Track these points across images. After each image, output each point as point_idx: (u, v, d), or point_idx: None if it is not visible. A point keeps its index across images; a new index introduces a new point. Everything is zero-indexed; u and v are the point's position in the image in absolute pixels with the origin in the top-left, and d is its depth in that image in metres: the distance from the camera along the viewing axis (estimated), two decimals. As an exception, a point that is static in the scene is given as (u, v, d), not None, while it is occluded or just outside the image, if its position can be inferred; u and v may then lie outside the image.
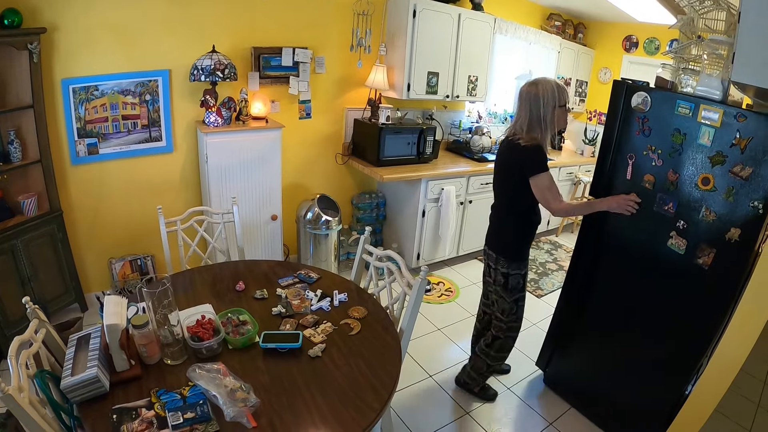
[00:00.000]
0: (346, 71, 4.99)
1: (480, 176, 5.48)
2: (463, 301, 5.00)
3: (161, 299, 1.99)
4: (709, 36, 3.06)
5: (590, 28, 7.83)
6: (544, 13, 7.15)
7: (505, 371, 3.96)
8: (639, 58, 7.29)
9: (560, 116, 2.96)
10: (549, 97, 2.88)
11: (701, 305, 2.82)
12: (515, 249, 3.21)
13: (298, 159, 4.91)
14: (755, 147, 2.51)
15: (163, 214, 3.06)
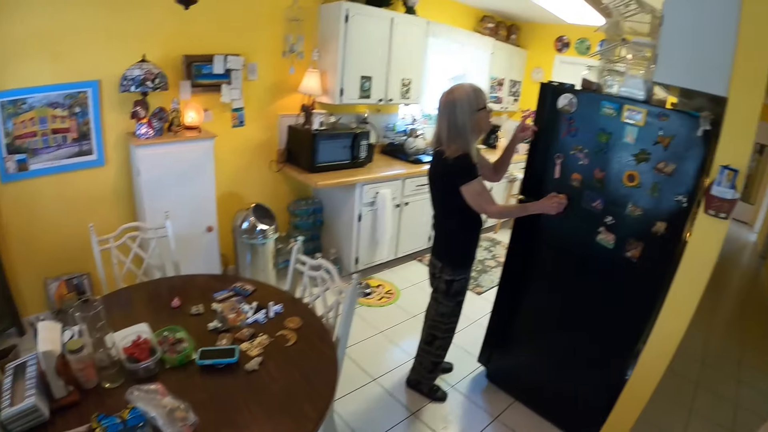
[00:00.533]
0: (278, 77, 5.02)
1: (415, 178, 5.62)
2: (403, 302, 5.13)
3: (94, 322, 2.01)
4: (633, 38, 3.26)
5: (523, 30, 8.11)
6: (478, 16, 7.36)
7: (448, 369, 4.09)
8: (571, 58, 7.61)
9: (482, 119, 3.05)
10: (466, 103, 2.96)
11: (633, 295, 3.04)
12: (461, 256, 3.36)
13: (233, 168, 4.92)
14: (678, 144, 2.72)
15: (95, 231, 3.02)
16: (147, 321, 2.39)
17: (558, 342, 3.52)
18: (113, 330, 2.19)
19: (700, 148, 2.65)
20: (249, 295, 2.86)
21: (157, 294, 2.81)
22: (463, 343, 4.42)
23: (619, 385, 3.14)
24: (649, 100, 2.98)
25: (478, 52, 7.08)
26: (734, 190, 2.50)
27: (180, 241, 3.87)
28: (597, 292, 3.22)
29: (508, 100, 7.97)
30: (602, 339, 3.23)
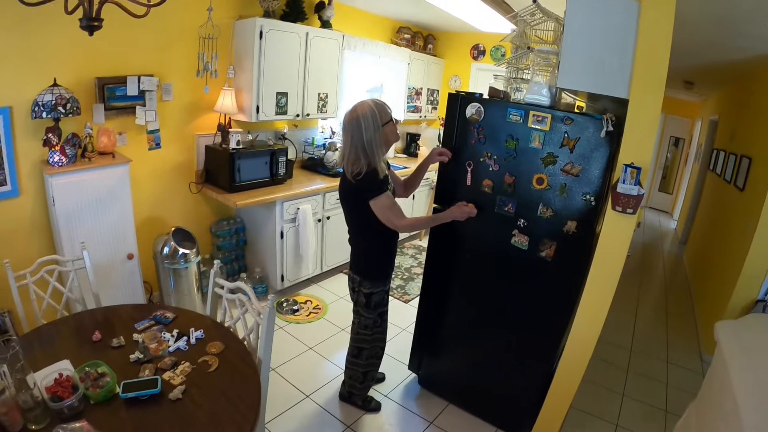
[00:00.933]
0: (193, 97, 5.01)
1: (335, 192, 5.58)
2: (332, 316, 5.22)
3: (13, 363, 1.98)
4: (538, 46, 3.45)
5: (440, 39, 8.35)
6: (394, 27, 7.55)
7: (380, 380, 4.19)
8: (486, 65, 7.91)
9: (389, 132, 3.16)
10: (370, 120, 3.04)
11: (551, 292, 3.24)
12: (377, 269, 3.45)
13: (151, 192, 4.87)
14: (583, 146, 2.94)
15: (11, 267, 2.95)
16: (68, 357, 2.38)
17: (485, 342, 3.68)
18: (36, 369, 2.18)
19: (605, 148, 2.87)
20: (170, 322, 2.86)
21: (78, 329, 2.77)
22: (393, 351, 4.55)
23: (549, 378, 3.35)
24: (554, 105, 3.19)
25: (395, 63, 7.26)
26: (639, 186, 2.71)
27: (100, 271, 3.82)
28: (517, 292, 3.41)
29: (427, 109, 8.19)
30: (527, 336, 3.42)
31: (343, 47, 6.04)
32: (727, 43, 4.58)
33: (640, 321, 6.00)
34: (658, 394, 4.41)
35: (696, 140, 11.27)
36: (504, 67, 3.77)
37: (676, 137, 13.16)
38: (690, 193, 10.08)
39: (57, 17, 2.78)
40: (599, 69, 2.81)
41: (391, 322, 4.42)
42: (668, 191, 13.37)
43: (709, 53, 5.29)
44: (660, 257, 9.21)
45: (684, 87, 8.95)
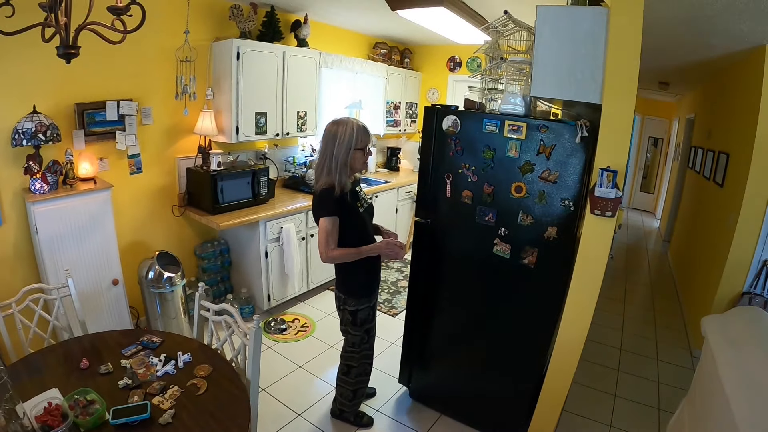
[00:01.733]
0: (173, 120, 5.01)
1: (319, 209, 5.69)
2: (320, 334, 5.20)
3: (2, 393, 1.97)
4: (511, 56, 3.49)
5: (416, 53, 8.42)
6: (370, 43, 7.61)
7: (371, 395, 4.18)
8: (463, 77, 8.00)
9: (356, 158, 3.15)
10: (346, 139, 3.06)
11: (536, 298, 3.27)
12: (360, 286, 3.42)
13: (134, 216, 4.86)
14: (559, 152, 2.98)
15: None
16: (57, 385, 2.37)
17: (473, 351, 3.70)
18: (25, 398, 2.17)
19: (581, 153, 2.91)
20: (157, 347, 2.86)
21: (65, 357, 2.75)
22: (383, 366, 4.56)
23: (540, 383, 3.37)
24: (529, 113, 3.23)
25: (372, 79, 7.32)
26: (616, 189, 2.75)
27: (86, 298, 3.81)
28: (502, 299, 3.44)
29: (406, 123, 8.25)
30: (515, 343, 3.44)
31: (321, 65, 6.08)
32: (698, 42, 4.66)
33: (628, 321, 6.04)
34: (650, 392, 4.44)
35: (674, 139, 11.41)
36: (479, 78, 3.81)
37: (654, 137, 13.33)
38: (671, 192, 10.19)
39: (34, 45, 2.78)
40: (571, 76, 2.87)
41: (380, 336, 4.42)
42: (650, 191, 13.52)
43: (682, 53, 5.38)
44: (645, 257, 9.29)
45: (659, 88, 9.08)
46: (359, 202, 3.27)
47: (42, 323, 3.13)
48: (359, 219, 3.25)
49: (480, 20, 5.27)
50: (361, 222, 3.28)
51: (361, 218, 3.27)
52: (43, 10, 2.09)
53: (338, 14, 6.11)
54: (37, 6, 2.14)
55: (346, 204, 3.14)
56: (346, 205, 3.14)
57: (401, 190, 7.47)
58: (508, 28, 3.52)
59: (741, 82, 5.27)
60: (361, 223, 3.27)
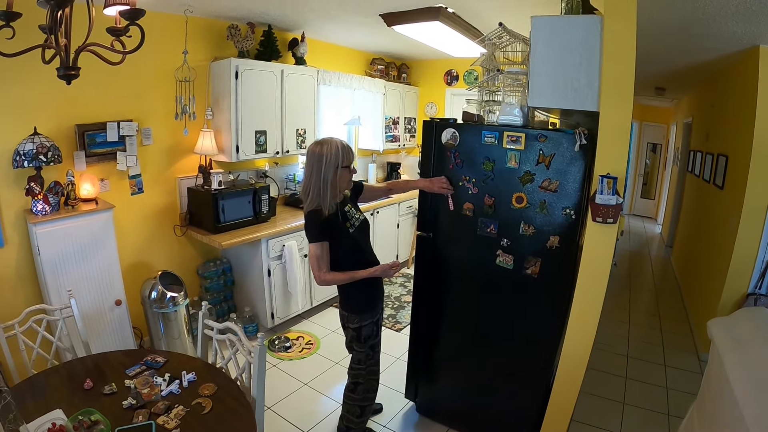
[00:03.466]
0: (173, 140, 5.04)
1: (321, 226, 5.70)
2: (325, 351, 5.17)
3: (5, 414, 1.98)
4: (507, 68, 3.51)
5: (413, 68, 8.46)
6: (368, 59, 7.65)
7: (378, 411, 4.16)
8: (460, 90, 8.01)
9: (342, 176, 3.12)
10: (332, 157, 3.03)
11: (541, 308, 3.26)
12: (361, 303, 3.39)
13: (136, 237, 4.87)
14: (558, 161, 2.98)
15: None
16: (61, 406, 2.37)
17: (479, 364, 3.67)
18: (29, 419, 2.17)
19: (580, 161, 2.92)
20: (161, 366, 2.86)
21: (69, 377, 2.75)
22: (389, 381, 4.52)
23: (547, 393, 3.34)
24: (527, 124, 3.24)
25: (370, 95, 7.34)
26: (617, 195, 2.74)
27: (89, 318, 3.81)
28: (506, 311, 3.43)
29: (405, 137, 8.26)
30: (521, 353, 3.42)
31: (319, 82, 6.11)
32: (693, 46, 4.68)
33: (633, 327, 6.01)
34: (658, 398, 4.41)
35: (672, 144, 11.43)
36: (476, 90, 3.83)
37: (653, 143, 13.33)
38: (672, 197, 10.20)
39: (35, 67, 2.81)
40: (568, 85, 2.87)
41: (385, 352, 4.39)
42: (650, 197, 13.48)
43: (677, 58, 5.40)
44: (648, 263, 9.25)
45: (656, 93, 9.10)
46: (349, 221, 3.22)
47: (45, 344, 3.13)
48: (350, 239, 3.21)
49: (475, 33, 5.30)
50: (353, 242, 3.23)
51: (352, 238, 3.22)
52: (43, 32, 2.11)
53: (335, 32, 6.14)
54: (36, 28, 2.17)
55: (335, 226, 3.11)
56: (336, 228, 3.12)
57: (402, 205, 7.48)
58: (503, 39, 3.54)
59: (736, 83, 5.28)
60: (352, 243, 3.23)
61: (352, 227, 3.21)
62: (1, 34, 1.95)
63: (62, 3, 1.97)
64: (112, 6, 2.07)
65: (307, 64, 6.02)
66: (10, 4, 1.90)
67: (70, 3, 2.01)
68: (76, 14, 2.11)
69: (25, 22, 2.09)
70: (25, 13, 2.03)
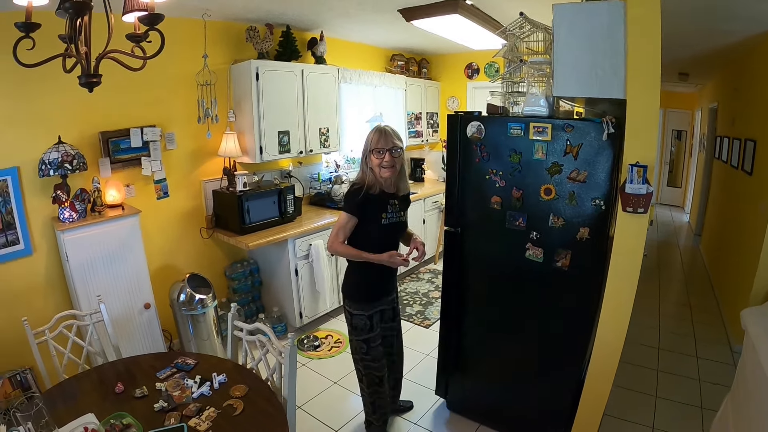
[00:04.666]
0: (197, 144, 5.06)
1: (347, 224, 5.68)
2: (350, 346, 5.14)
3: (37, 420, 1.98)
4: (531, 58, 3.45)
5: (433, 62, 8.41)
6: (387, 55, 7.61)
7: (408, 408, 4.13)
8: (482, 83, 7.94)
9: (373, 162, 3.19)
10: (367, 142, 3.20)
11: (572, 301, 3.19)
12: (355, 290, 3.41)
13: (163, 240, 4.90)
14: (586, 151, 2.92)
15: (29, 324, 2.95)
16: (93, 411, 2.37)
17: (510, 359, 3.62)
18: (60, 424, 2.18)
19: (609, 150, 2.85)
20: (191, 369, 2.86)
21: (100, 381, 2.77)
22: (419, 378, 4.51)
23: (579, 388, 3.27)
24: (553, 114, 3.17)
25: (391, 91, 7.32)
26: (647, 184, 2.66)
27: (119, 322, 3.83)
28: (537, 305, 3.37)
29: (428, 133, 8.21)
30: (552, 348, 3.36)
31: (339, 80, 6.10)
32: (717, 29, 4.58)
33: (664, 319, 5.91)
34: (691, 391, 4.31)
35: (698, 130, 11.20)
36: (500, 82, 3.78)
37: (678, 130, 13.11)
38: (699, 184, 9.97)
39: (56, 77, 2.82)
40: (593, 73, 2.79)
41: (414, 348, 4.38)
42: (677, 185, 13.27)
43: (701, 42, 5.30)
44: (676, 252, 9.11)
45: (679, 79, 8.94)
46: (386, 213, 3.23)
47: (76, 349, 3.15)
48: (378, 229, 3.23)
49: (495, 25, 5.24)
50: (380, 234, 3.25)
51: (381, 229, 3.23)
52: (63, 42, 2.10)
53: (353, 30, 6.13)
54: (56, 39, 2.17)
55: (368, 208, 3.18)
56: (369, 210, 3.18)
57: (428, 200, 7.43)
58: (524, 29, 3.49)
59: (762, 65, 5.16)
60: (378, 235, 3.25)
61: (386, 219, 3.23)
62: (22, 45, 1.95)
63: (81, 10, 1.96)
64: (130, 12, 2.06)
65: (327, 63, 6.00)
66: (29, 15, 1.90)
67: (88, 10, 2.00)
68: (95, 22, 2.10)
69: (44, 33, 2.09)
70: (44, 24, 2.03)
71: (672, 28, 2.60)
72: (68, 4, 1.88)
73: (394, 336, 3.70)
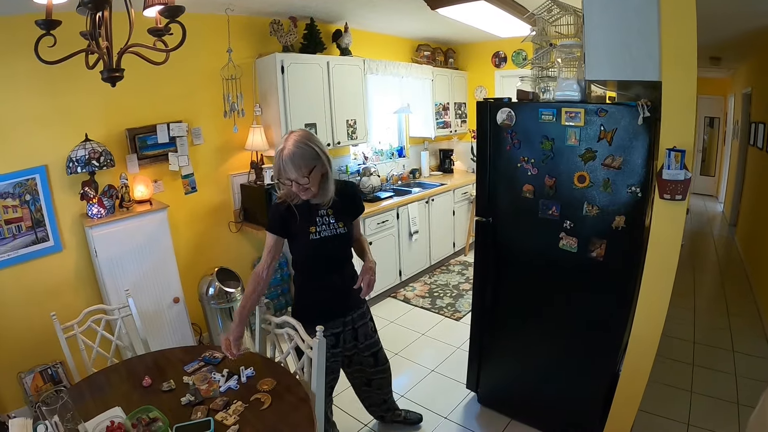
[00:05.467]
0: (224, 138, 5.07)
1: (375, 216, 5.70)
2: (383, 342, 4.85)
3: (64, 413, 1.98)
4: (560, 42, 3.36)
5: (459, 52, 8.32)
6: (413, 46, 7.54)
7: (416, 421, 3.91)
8: (509, 72, 7.83)
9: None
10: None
11: (607, 292, 3.09)
12: (296, 308, 3.15)
13: (191, 235, 4.92)
14: (621, 137, 2.82)
15: (58, 319, 2.98)
16: (120, 404, 2.38)
17: (543, 352, 3.54)
18: (88, 417, 2.19)
19: (644, 135, 2.75)
20: (219, 362, 2.84)
21: (128, 375, 2.77)
22: (449, 371, 4.47)
23: (613, 383, 3.19)
24: (585, 99, 3.07)
25: (418, 82, 7.25)
26: (685, 170, 2.56)
27: (147, 316, 3.85)
28: (571, 296, 3.28)
29: (456, 123, 8.11)
30: (586, 340, 3.27)
31: (365, 72, 6.05)
32: (750, 10, 4.44)
33: (698, 311, 5.77)
34: (727, 386, 4.18)
35: (731, 116, 10.90)
36: (528, 69, 3.70)
37: (710, 117, 12.79)
38: (733, 172, 9.74)
39: (82, 76, 2.84)
40: (626, 55, 2.68)
41: (444, 341, 4.32)
42: (710, 174, 12.96)
43: (734, 24, 5.14)
44: (711, 243, 8.91)
45: (711, 64, 8.71)
46: (315, 226, 2.85)
47: (104, 343, 3.17)
48: (306, 246, 2.87)
49: (521, 10, 5.15)
50: (311, 251, 2.89)
51: (310, 245, 2.86)
52: (84, 38, 2.10)
53: (378, 20, 6.08)
54: (78, 37, 2.16)
55: (291, 223, 2.82)
56: (292, 226, 2.83)
57: (457, 191, 7.36)
58: (553, 13, 3.41)
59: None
60: (308, 252, 2.91)
61: (315, 234, 2.84)
62: (43, 43, 1.94)
63: (100, 5, 1.95)
64: (151, 7, 2.04)
65: (352, 55, 5.96)
66: (49, 12, 1.89)
67: (107, 4, 1.99)
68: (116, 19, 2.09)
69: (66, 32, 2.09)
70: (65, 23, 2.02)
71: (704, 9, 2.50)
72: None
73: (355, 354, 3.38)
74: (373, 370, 3.47)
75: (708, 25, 4.81)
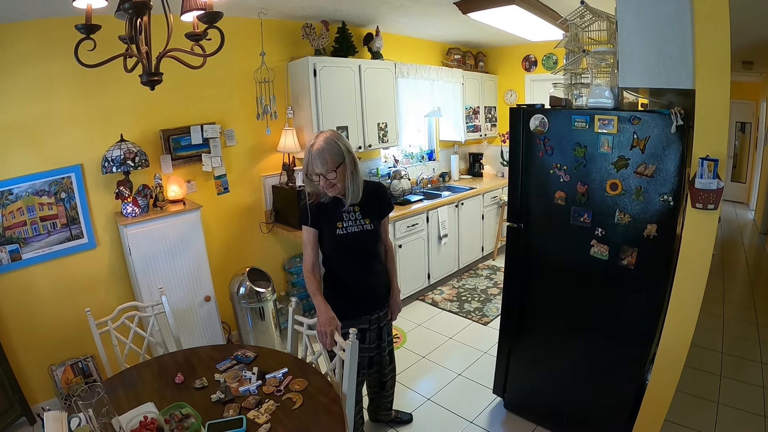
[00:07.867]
0: (256, 140, 5.11)
1: (405, 219, 5.69)
2: (411, 344, 5.11)
3: (98, 408, 2.00)
4: (594, 48, 3.32)
5: (490, 56, 8.28)
6: (443, 49, 7.51)
7: (407, 421, 3.97)
8: (540, 76, 7.76)
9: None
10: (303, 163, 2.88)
11: (637, 301, 3.05)
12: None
13: (223, 235, 4.97)
14: (654, 144, 2.78)
15: (92, 315, 3.02)
16: (152, 400, 2.41)
17: (571, 359, 3.51)
18: (120, 412, 2.21)
19: (677, 143, 2.71)
20: (251, 361, 2.86)
21: (160, 371, 2.81)
22: (476, 376, 4.44)
23: (640, 392, 3.15)
24: (618, 106, 3.04)
25: (449, 85, 7.22)
26: (718, 179, 2.51)
27: (179, 314, 3.89)
28: (601, 304, 3.24)
29: (486, 127, 8.06)
30: (614, 349, 3.23)
31: (396, 75, 6.04)
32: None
33: (727, 321, 5.63)
34: (755, 398, 4.07)
35: (763, 122, 10.65)
36: (561, 74, 3.68)
37: (741, 122, 12.51)
38: (765, 179, 9.55)
39: (118, 78, 2.89)
40: (660, 62, 2.65)
41: (472, 346, 4.29)
42: (741, 180, 12.66)
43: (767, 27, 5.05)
44: (741, 251, 8.71)
45: (743, 68, 8.56)
46: (341, 222, 2.99)
47: (137, 339, 3.21)
48: (333, 240, 3.00)
49: (552, 15, 5.13)
50: (338, 245, 3.02)
51: (337, 240, 2.99)
52: (123, 42, 2.12)
53: (408, 24, 6.07)
54: (116, 40, 2.19)
55: (321, 218, 2.99)
56: (322, 220, 2.99)
57: (486, 195, 7.32)
58: (585, 19, 3.37)
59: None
60: (335, 246, 3.03)
61: (342, 229, 2.98)
62: (83, 47, 1.97)
63: (140, 10, 1.97)
64: (189, 12, 2.06)
65: (383, 58, 5.96)
66: (89, 17, 1.92)
67: (147, 10, 2.01)
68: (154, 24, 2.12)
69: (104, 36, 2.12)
70: (104, 27, 2.05)
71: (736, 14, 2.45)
72: (128, 4, 1.89)
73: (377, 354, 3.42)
74: (387, 370, 3.55)
75: (742, 28, 4.74)
